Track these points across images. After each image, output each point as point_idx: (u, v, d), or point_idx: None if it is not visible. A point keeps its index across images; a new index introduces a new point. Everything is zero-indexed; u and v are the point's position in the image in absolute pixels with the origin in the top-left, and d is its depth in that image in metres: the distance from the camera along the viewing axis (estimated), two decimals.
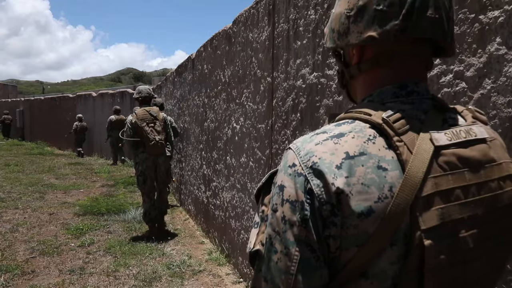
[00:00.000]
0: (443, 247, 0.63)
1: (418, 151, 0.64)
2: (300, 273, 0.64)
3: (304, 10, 2.49)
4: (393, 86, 0.73)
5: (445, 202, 0.64)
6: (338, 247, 0.64)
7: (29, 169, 10.56)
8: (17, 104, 22.55)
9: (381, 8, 0.68)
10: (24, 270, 3.88)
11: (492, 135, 0.73)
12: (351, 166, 0.63)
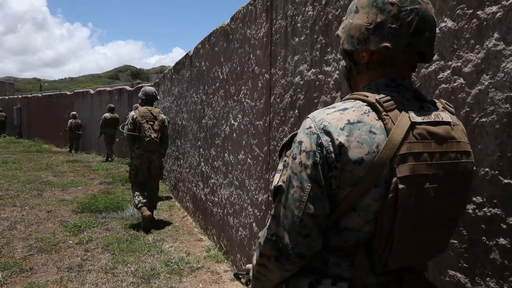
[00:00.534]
0: (412, 192, 0.89)
1: (399, 123, 0.91)
2: (310, 201, 0.93)
3: (302, 7, 2.48)
4: (386, 79, 1.01)
5: (416, 160, 0.90)
6: (337, 186, 0.92)
7: (26, 166, 10.53)
8: (15, 102, 22.46)
9: (394, 27, 0.95)
10: (22, 267, 3.88)
11: (456, 122, 1.01)
12: (351, 129, 0.91)
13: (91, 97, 14.63)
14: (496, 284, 1.23)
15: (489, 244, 1.25)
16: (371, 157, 0.89)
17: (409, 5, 0.96)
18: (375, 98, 0.94)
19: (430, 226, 0.96)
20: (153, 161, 5.30)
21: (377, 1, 0.98)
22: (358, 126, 0.91)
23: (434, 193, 0.92)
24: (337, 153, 0.91)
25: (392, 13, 0.96)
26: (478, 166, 1.29)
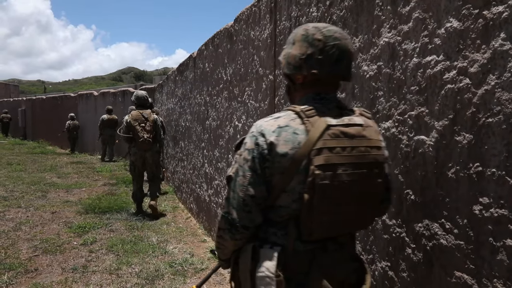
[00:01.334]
0: (327, 176, 1.19)
1: (316, 126, 1.22)
2: (250, 185, 1.26)
3: (306, 8, 2.48)
4: (313, 94, 1.33)
5: (329, 153, 1.20)
6: (270, 174, 1.25)
7: (31, 168, 10.58)
8: (19, 104, 22.58)
9: (320, 58, 1.27)
10: (27, 268, 3.89)
11: (370, 124, 1.31)
12: (280, 131, 1.24)
13: (95, 99, 14.68)
14: (503, 286, 1.22)
15: (496, 245, 1.25)
16: (294, 151, 1.21)
17: (332, 42, 1.28)
18: (300, 109, 1.27)
19: (346, 203, 1.25)
20: (147, 158, 5.87)
21: (308, 37, 1.30)
22: (285, 129, 1.24)
23: (347, 177, 1.23)
24: (269, 149, 1.24)
25: (319, 47, 1.27)
26: (485, 167, 1.28)
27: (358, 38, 1.97)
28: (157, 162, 6.03)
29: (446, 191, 1.44)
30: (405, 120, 1.64)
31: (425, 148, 1.54)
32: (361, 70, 1.94)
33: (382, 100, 1.79)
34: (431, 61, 1.49)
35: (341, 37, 1.30)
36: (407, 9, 1.62)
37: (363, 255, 1.95)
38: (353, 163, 1.23)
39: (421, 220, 1.56)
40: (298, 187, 1.23)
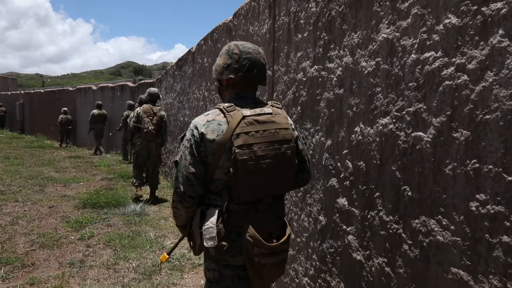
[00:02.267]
0: (245, 152, 1.60)
1: (234, 117, 1.64)
2: (190, 165, 1.67)
3: (305, 3, 2.47)
4: (234, 94, 1.78)
5: (246, 136, 1.61)
6: (205, 155, 1.66)
7: (29, 162, 10.56)
8: (17, 97, 22.50)
9: (235, 67, 1.72)
10: (24, 262, 3.89)
11: (279, 112, 1.76)
12: (208, 124, 1.66)
13: (94, 93, 14.63)
14: (499, 282, 1.23)
15: (492, 242, 1.25)
16: (219, 138, 1.64)
17: (245, 55, 1.72)
18: (223, 106, 1.69)
19: (263, 173, 1.65)
20: (151, 148, 6.39)
21: (229, 51, 1.76)
22: (212, 122, 1.67)
23: (261, 152, 1.64)
24: (201, 138, 1.66)
25: (235, 59, 1.73)
26: (482, 164, 1.28)
27: (356, 34, 1.96)
28: (159, 153, 6.62)
29: (443, 188, 1.44)
30: (403, 117, 1.64)
31: (422, 144, 1.54)
32: (360, 66, 1.94)
33: (380, 96, 1.79)
34: (430, 58, 1.49)
35: (253, 52, 1.75)
36: (406, 5, 1.61)
37: (360, 251, 1.96)
38: (265, 142, 1.66)
39: (418, 217, 1.56)
40: (226, 163, 1.65)
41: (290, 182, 1.79)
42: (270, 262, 1.69)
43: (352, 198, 2.03)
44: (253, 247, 1.65)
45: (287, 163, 1.73)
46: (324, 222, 2.32)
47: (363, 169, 1.93)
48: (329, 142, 2.25)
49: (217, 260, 1.74)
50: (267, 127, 1.68)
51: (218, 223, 1.65)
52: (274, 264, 1.71)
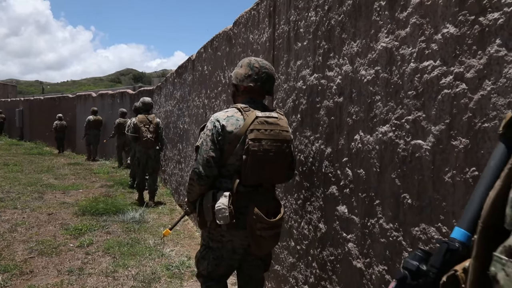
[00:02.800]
0: (256, 145, 2.03)
1: (249, 116, 2.09)
2: (210, 150, 2.09)
3: (305, 12, 2.50)
4: (248, 98, 2.23)
5: (257, 131, 2.05)
6: (223, 143, 2.09)
7: (28, 169, 10.55)
8: (17, 104, 22.52)
9: (255, 77, 2.21)
10: (23, 270, 3.88)
11: (281, 117, 2.19)
12: (228, 119, 2.11)
13: (93, 100, 14.66)
14: None
15: None
16: (237, 130, 2.06)
17: (264, 70, 2.21)
18: (240, 106, 2.14)
19: (266, 163, 2.07)
20: (150, 155, 6.70)
21: (250, 65, 2.22)
22: (232, 117, 2.10)
23: (268, 146, 2.06)
24: (222, 129, 2.09)
25: (255, 71, 2.20)
26: (481, 171, 1.29)
27: (356, 43, 1.98)
28: (158, 158, 6.91)
29: (443, 195, 1.44)
30: (402, 125, 1.65)
31: (422, 152, 1.55)
32: (359, 74, 1.95)
33: (380, 104, 1.80)
34: (428, 66, 1.51)
35: (269, 68, 2.26)
36: (405, 14, 1.64)
37: (360, 259, 1.96)
38: (271, 139, 2.08)
39: (418, 224, 1.57)
40: (240, 151, 2.07)
41: (284, 174, 2.28)
42: (268, 234, 2.13)
43: (352, 206, 2.04)
44: (256, 223, 2.06)
45: (284, 158, 2.17)
46: (324, 229, 2.33)
47: (362, 177, 1.94)
48: (329, 150, 2.26)
49: (221, 233, 2.15)
50: (273, 127, 2.11)
51: (229, 204, 2.03)
52: (271, 236, 2.16)
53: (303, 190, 2.60)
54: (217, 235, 2.18)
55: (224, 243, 2.18)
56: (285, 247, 2.84)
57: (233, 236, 2.15)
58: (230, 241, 2.17)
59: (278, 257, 2.94)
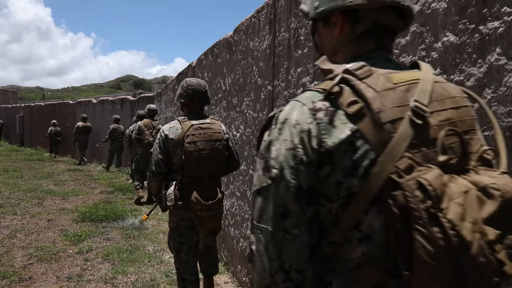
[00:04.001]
0: (191, 146, 2.66)
1: (186, 125, 2.76)
2: (159, 154, 2.76)
3: (305, 20, 2.51)
4: (188, 111, 2.94)
5: (192, 136, 2.68)
6: (168, 148, 2.73)
7: (27, 175, 10.53)
8: (17, 110, 22.54)
9: (184, 94, 2.92)
10: (22, 276, 3.86)
11: (215, 122, 2.83)
12: (170, 129, 2.78)
13: (94, 106, 14.68)
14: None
15: None
16: (176, 137, 2.65)
17: (190, 87, 2.90)
18: (180, 118, 2.74)
19: (202, 158, 2.66)
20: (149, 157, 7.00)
21: (182, 85, 2.93)
22: (173, 128, 2.73)
23: (202, 145, 2.67)
24: (165, 137, 2.70)
25: (184, 89, 2.87)
26: None
27: None
28: None
29: None
30: None
31: None
32: None
33: None
34: None
35: (196, 84, 2.83)
36: None
37: None
38: (204, 140, 2.70)
39: None
40: (180, 152, 2.66)
41: (222, 167, 2.83)
42: (206, 214, 2.67)
43: None
44: (196, 205, 2.65)
45: (218, 154, 2.76)
46: None
47: None
48: None
49: (176, 215, 2.77)
50: (206, 131, 2.74)
51: (175, 190, 2.66)
52: (210, 216, 2.70)
53: None
54: (175, 218, 2.80)
55: (180, 222, 2.79)
56: None
57: (184, 216, 2.75)
58: (183, 220, 2.77)
59: None
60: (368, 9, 0.83)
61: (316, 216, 0.77)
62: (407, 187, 0.67)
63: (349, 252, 0.75)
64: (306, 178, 0.76)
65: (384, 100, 0.74)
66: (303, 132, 0.76)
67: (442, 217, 0.64)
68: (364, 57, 0.84)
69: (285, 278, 0.76)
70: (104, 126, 12.95)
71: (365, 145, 0.72)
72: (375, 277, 0.73)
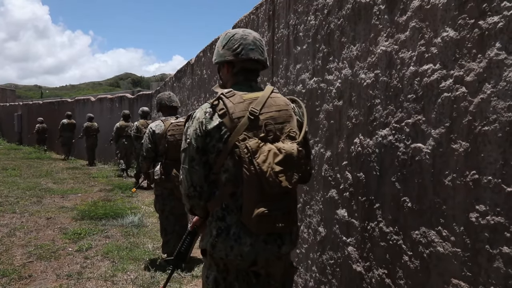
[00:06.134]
0: (171, 137, 3.95)
1: (166, 123, 4.09)
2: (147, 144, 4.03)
3: (304, 16, 2.50)
4: (167, 114, 4.25)
5: (172, 131, 4.02)
6: (154, 140, 4.05)
7: (26, 173, 10.52)
8: (16, 108, 22.48)
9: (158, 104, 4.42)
10: (21, 274, 3.85)
11: (183, 121, 4.03)
12: (156, 125, 4.08)
13: (92, 104, 14.65)
14: None
15: (492, 253, 1.25)
16: (161, 132, 3.96)
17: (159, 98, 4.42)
18: (162, 119, 4.16)
19: (176, 146, 3.75)
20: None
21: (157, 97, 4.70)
22: (158, 125, 4.05)
23: (179, 137, 3.80)
24: (153, 132, 4.00)
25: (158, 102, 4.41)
26: (481, 175, 1.29)
27: (355, 46, 1.99)
28: None
29: (443, 199, 1.44)
30: (402, 128, 1.65)
31: (422, 155, 1.55)
32: (359, 78, 1.96)
33: (379, 108, 1.80)
34: (428, 70, 1.51)
35: (165, 96, 4.25)
36: (404, 18, 1.64)
37: (360, 263, 1.95)
38: (180, 133, 3.76)
39: (418, 228, 1.56)
40: (163, 142, 3.90)
41: None
42: None
43: (352, 209, 2.03)
44: (174, 178, 3.80)
45: None
46: (324, 233, 2.32)
47: (362, 180, 1.94)
48: (329, 153, 2.26)
49: (160, 185, 3.98)
50: (180, 127, 3.90)
51: (160, 168, 3.89)
52: None
53: (302, 193, 2.60)
54: (159, 188, 4.03)
55: (163, 191, 4.02)
56: None
57: (166, 186, 3.94)
58: (165, 189, 3.98)
59: None
60: (236, 61, 1.73)
61: (207, 160, 1.66)
62: (241, 147, 1.54)
63: (221, 177, 1.64)
64: (201, 143, 1.64)
65: (236, 108, 1.61)
66: (200, 122, 1.65)
67: (254, 161, 1.51)
68: (238, 84, 1.73)
69: (194, 190, 1.68)
70: (103, 124, 12.93)
71: (225, 128, 1.61)
72: (231, 188, 1.62)
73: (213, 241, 1.65)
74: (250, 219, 1.54)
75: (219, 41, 1.78)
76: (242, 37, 1.71)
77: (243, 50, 1.70)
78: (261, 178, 1.50)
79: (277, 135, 1.61)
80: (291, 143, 1.58)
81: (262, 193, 1.52)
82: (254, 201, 1.53)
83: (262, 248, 1.61)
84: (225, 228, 1.63)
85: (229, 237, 1.62)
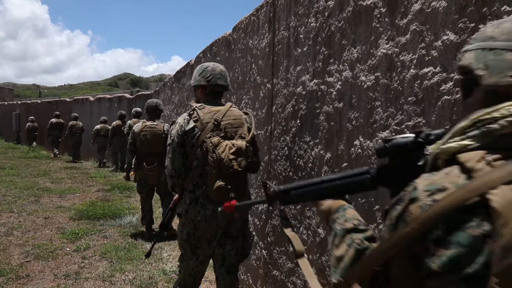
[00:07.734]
0: (143, 136, 5.12)
1: (142, 125, 5.19)
2: (130, 139, 5.25)
3: (305, 18, 2.51)
4: (147, 117, 5.31)
5: (145, 132, 5.24)
6: (134, 137, 5.19)
7: (24, 172, 10.49)
8: (14, 107, 22.44)
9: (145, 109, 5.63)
10: (19, 274, 3.85)
11: (159, 124, 5.24)
12: (136, 126, 5.33)
13: (91, 104, 14.63)
14: None
15: None
16: (138, 130, 5.08)
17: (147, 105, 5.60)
18: (142, 121, 5.65)
19: (149, 143, 5.02)
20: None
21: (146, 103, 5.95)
22: (137, 125, 5.28)
23: (149, 136, 5.01)
24: (134, 131, 5.18)
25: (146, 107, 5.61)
26: None
27: (356, 49, 2.00)
28: None
29: None
30: (402, 130, 1.66)
31: None
32: (359, 80, 1.97)
33: (380, 110, 1.81)
34: (428, 73, 1.52)
35: (150, 103, 5.35)
36: (405, 21, 1.65)
37: None
38: (151, 133, 5.01)
39: None
40: (139, 139, 5.00)
41: (161, 147, 4.39)
42: (150, 173, 5.04)
43: None
44: (144, 168, 5.01)
45: (158, 141, 4.92)
46: (323, 235, 2.33)
47: None
48: (329, 155, 2.27)
49: (137, 173, 5.16)
50: (153, 128, 5.02)
51: (134, 161, 5.11)
52: (151, 174, 5.04)
53: None
54: (138, 175, 5.14)
55: (140, 177, 5.13)
56: (284, 252, 2.83)
57: (140, 174, 5.09)
58: (141, 176, 5.11)
59: (276, 262, 2.94)
60: (208, 85, 2.53)
61: (184, 152, 2.41)
62: (207, 142, 2.32)
63: (193, 163, 2.38)
64: (180, 139, 2.40)
65: (205, 116, 2.41)
66: (180, 125, 2.42)
67: (216, 151, 2.29)
68: (208, 101, 2.50)
69: (175, 172, 2.42)
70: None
71: (197, 129, 2.39)
72: (200, 170, 2.36)
73: (186, 207, 2.41)
74: (212, 190, 2.29)
75: (195, 70, 2.58)
76: (212, 69, 2.51)
77: (213, 78, 2.49)
78: (220, 163, 2.26)
79: (232, 135, 2.39)
80: (241, 141, 2.37)
81: (221, 173, 2.27)
82: (215, 178, 2.27)
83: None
84: (195, 198, 2.39)
85: (198, 205, 2.37)
